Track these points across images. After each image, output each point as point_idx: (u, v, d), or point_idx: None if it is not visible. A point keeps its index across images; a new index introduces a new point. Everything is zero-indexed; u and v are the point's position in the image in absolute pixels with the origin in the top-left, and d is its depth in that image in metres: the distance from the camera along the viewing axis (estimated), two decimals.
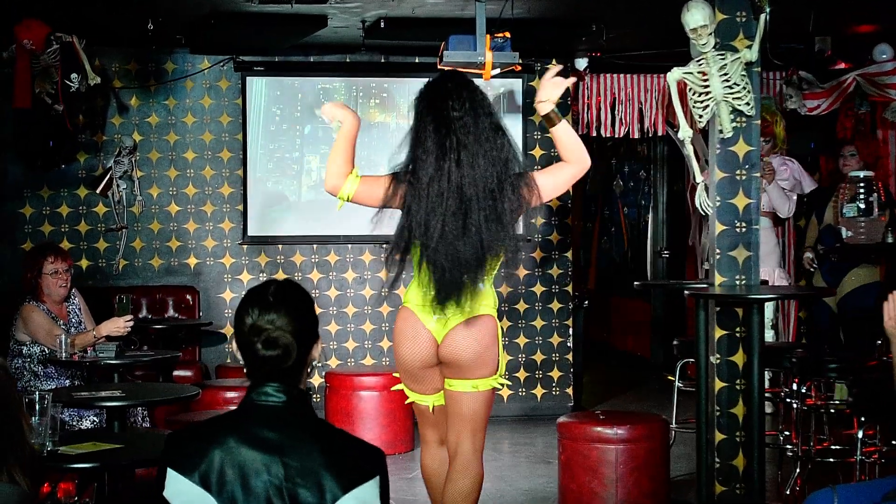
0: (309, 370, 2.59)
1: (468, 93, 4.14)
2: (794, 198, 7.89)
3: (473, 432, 4.20)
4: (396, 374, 4.33)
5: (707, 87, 5.40)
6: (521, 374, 8.35)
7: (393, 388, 4.45)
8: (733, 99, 5.40)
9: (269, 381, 2.50)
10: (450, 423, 4.23)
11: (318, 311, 8.10)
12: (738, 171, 5.49)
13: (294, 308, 2.54)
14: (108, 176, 7.79)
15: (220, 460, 2.41)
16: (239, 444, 2.42)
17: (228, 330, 8.03)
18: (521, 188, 4.12)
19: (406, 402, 4.35)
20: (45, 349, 5.99)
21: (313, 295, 8.08)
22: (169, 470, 2.44)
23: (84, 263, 7.98)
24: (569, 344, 8.40)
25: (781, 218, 8.04)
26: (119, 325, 5.85)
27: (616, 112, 8.45)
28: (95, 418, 5.77)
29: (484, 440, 4.28)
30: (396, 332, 4.22)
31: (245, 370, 2.56)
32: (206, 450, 2.42)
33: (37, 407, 3.85)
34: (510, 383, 4.79)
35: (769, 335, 7.57)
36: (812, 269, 7.73)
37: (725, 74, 5.38)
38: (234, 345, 2.57)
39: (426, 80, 4.22)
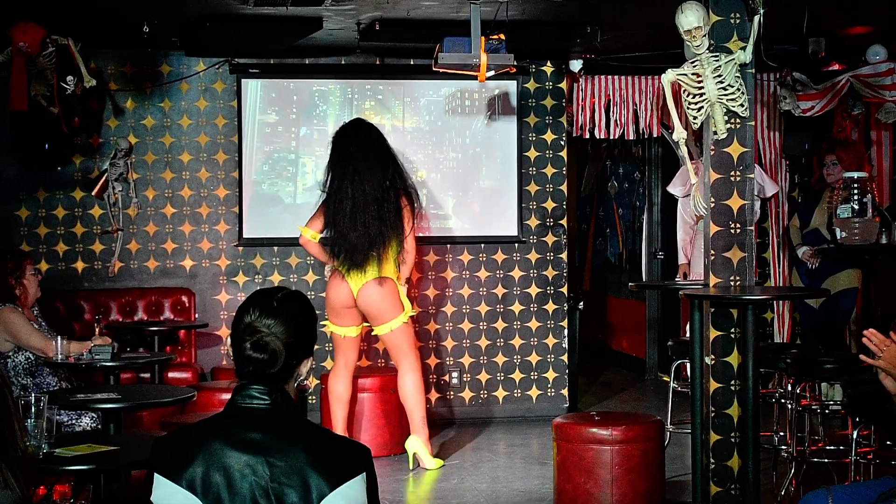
0: (295, 384, 2.60)
1: (363, 135, 6.50)
2: (758, 205, 7.89)
3: (405, 355, 6.64)
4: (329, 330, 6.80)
5: (701, 88, 5.41)
6: (517, 376, 8.36)
7: (322, 327, 6.67)
8: (727, 100, 5.41)
9: (254, 383, 2.52)
10: (390, 354, 6.82)
11: None
12: (732, 173, 5.50)
13: (294, 319, 2.55)
14: (103, 178, 7.77)
15: (205, 463, 2.43)
16: (224, 447, 2.43)
17: (224, 332, 8.03)
18: (403, 201, 6.48)
19: (328, 332, 6.83)
20: (31, 356, 5.97)
21: (309, 296, 8.06)
22: (156, 475, 2.45)
23: (80, 266, 7.98)
24: (564, 345, 8.41)
25: None
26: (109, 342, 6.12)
27: (611, 114, 8.46)
28: (94, 414, 5.76)
29: (416, 356, 6.69)
30: (328, 286, 6.67)
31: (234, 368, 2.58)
32: (191, 454, 2.44)
33: (32, 409, 3.86)
34: (414, 312, 7.06)
35: None
36: (813, 267, 7.68)
37: (719, 76, 5.39)
38: (229, 341, 2.60)
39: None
